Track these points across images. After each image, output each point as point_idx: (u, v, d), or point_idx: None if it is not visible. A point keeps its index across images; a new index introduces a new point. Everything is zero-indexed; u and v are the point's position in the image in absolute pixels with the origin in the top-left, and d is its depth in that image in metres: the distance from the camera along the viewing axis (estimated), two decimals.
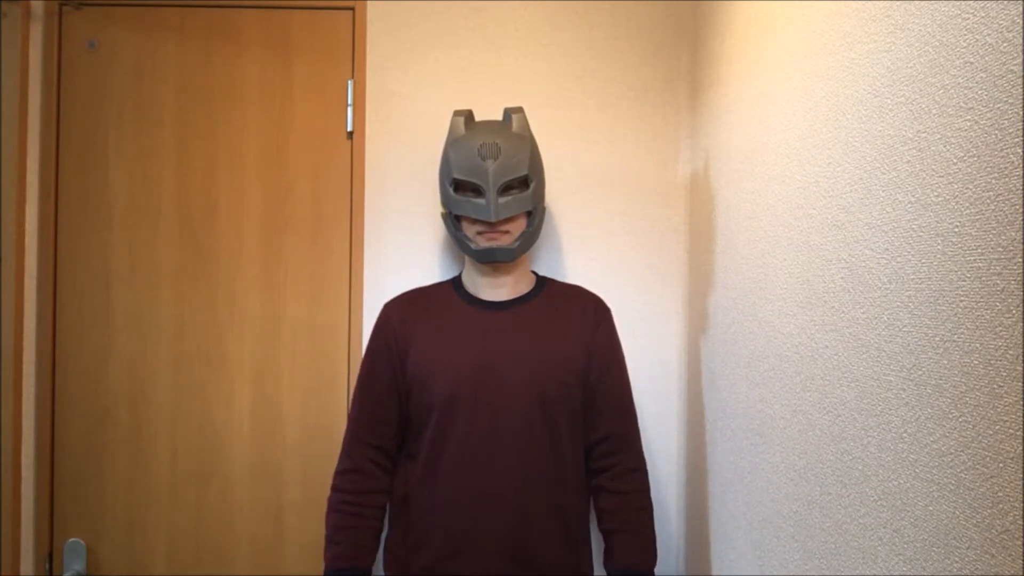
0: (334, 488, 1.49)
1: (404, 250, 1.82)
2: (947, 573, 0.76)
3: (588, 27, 1.83)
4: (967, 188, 0.73)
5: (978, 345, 0.71)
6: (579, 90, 1.83)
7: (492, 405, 1.44)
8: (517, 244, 1.49)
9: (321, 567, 1.77)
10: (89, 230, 1.77)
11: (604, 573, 1.51)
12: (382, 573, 1.54)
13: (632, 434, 1.53)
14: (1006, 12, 0.68)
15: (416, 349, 1.49)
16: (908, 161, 0.84)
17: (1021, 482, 0.65)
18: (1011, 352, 0.66)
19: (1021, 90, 0.65)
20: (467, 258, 1.58)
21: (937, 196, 0.78)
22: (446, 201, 1.52)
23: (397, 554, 1.49)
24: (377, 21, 1.82)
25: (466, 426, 1.43)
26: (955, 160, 0.75)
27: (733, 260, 1.47)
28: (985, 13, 0.71)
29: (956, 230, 0.75)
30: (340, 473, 1.49)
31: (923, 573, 0.80)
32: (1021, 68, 0.65)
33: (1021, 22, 0.65)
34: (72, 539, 1.74)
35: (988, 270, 0.70)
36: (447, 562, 1.43)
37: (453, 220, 1.53)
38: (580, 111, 1.83)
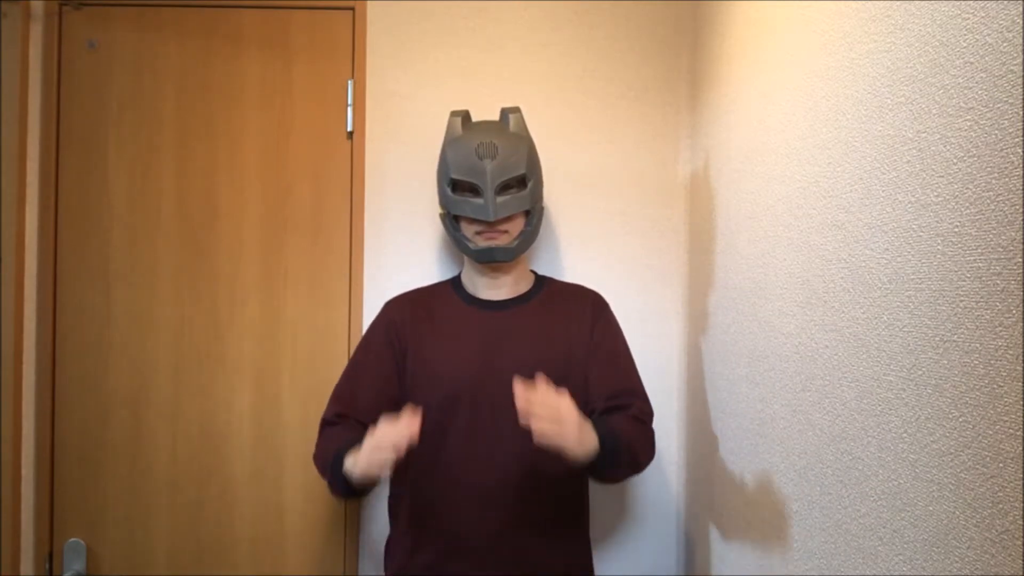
0: (316, 446, 1.45)
1: (404, 250, 1.82)
2: (947, 573, 0.76)
3: (588, 27, 1.83)
4: (967, 188, 0.73)
5: (978, 345, 0.71)
6: (579, 90, 1.83)
7: (492, 405, 1.43)
8: (516, 243, 1.49)
9: (321, 567, 1.77)
10: (89, 230, 1.77)
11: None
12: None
13: (639, 390, 1.49)
14: (1006, 12, 0.68)
15: (416, 348, 1.49)
16: (908, 161, 0.84)
17: (1021, 482, 0.65)
18: (1011, 352, 0.66)
19: (1021, 90, 0.65)
20: (466, 258, 1.58)
21: (937, 196, 0.78)
22: (444, 201, 1.52)
23: (396, 553, 1.49)
24: (377, 21, 1.82)
25: (465, 426, 1.43)
26: (955, 160, 0.75)
27: (733, 260, 1.47)
28: (985, 13, 0.70)
29: (956, 230, 0.75)
30: (319, 439, 1.46)
31: (923, 573, 0.80)
32: (1021, 68, 0.65)
33: (1021, 22, 0.65)
34: (72, 539, 1.74)
35: (988, 270, 0.70)
36: (447, 561, 1.43)
37: (452, 220, 1.53)
38: (580, 111, 1.83)
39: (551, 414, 1.17)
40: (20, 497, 1.72)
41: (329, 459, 1.34)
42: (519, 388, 1.18)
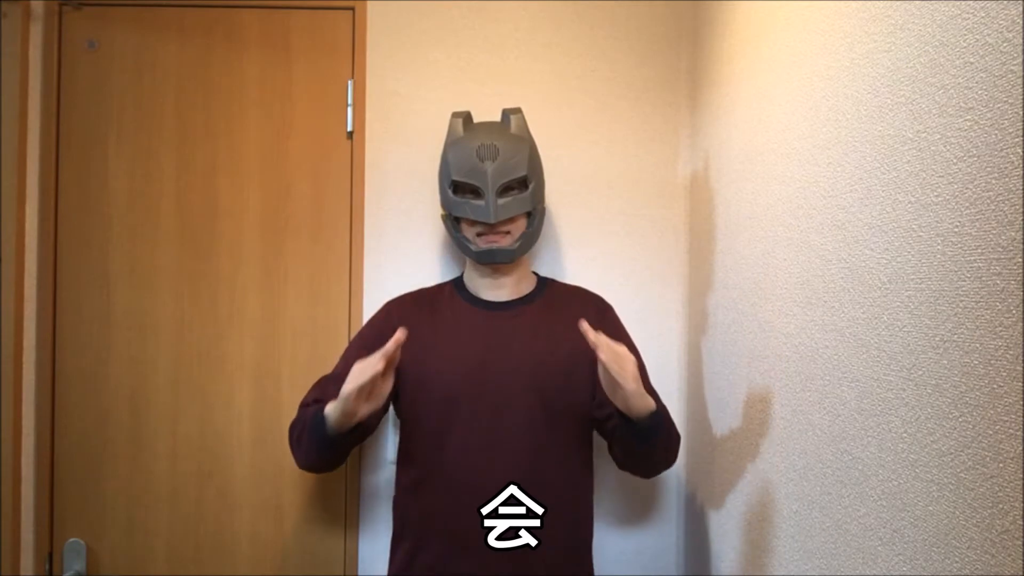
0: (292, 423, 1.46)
1: (404, 250, 1.82)
2: (947, 573, 0.76)
3: (588, 27, 1.83)
4: (967, 188, 0.73)
5: (978, 345, 0.71)
6: (579, 90, 1.83)
7: (493, 405, 1.43)
8: (517, 245, 1.49)
9: (321, 567, 1.77)
10: (89, 230, 1.77)
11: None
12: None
13: (657, 397, 1.39)
14: (1006, 12, 0.68)
15: (416, 348, 1.48)
16: (908, 161, 0.84)
17: (1021, 482, 0.65)
18: (1011, 352, 0.66)
19: (1021, 90, 0.65)
20: (467, 259, 1.58)
21: (937, 196, 0.78)
22: (445, 203, 1.52)
23: (398, 553, 1.49)
24: (377, 21, 1.82)
25: (466, 426, 1.43)
26: (955, 160, 0.75)
27: (733, 260, 1.47)
28: (985, 13, 0.71)
29: (956, 230, 0.75)
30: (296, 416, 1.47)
31: (923, 573, 0.80)
32: (1021, 68, 0.65)
33: (1021, 22, 0.65)
34: (72, 539, 1.74)
35: (988, 270, 0.70)
36: (448, 562, 1.43)
37: (453, 222, 1.52)
38: (580, 111, 1.83)
39: (613, 356, 1.19)
40: (20, 497, 1.72)
41: (308, 415, 1.36)
42: (585, 325, 1.19)
